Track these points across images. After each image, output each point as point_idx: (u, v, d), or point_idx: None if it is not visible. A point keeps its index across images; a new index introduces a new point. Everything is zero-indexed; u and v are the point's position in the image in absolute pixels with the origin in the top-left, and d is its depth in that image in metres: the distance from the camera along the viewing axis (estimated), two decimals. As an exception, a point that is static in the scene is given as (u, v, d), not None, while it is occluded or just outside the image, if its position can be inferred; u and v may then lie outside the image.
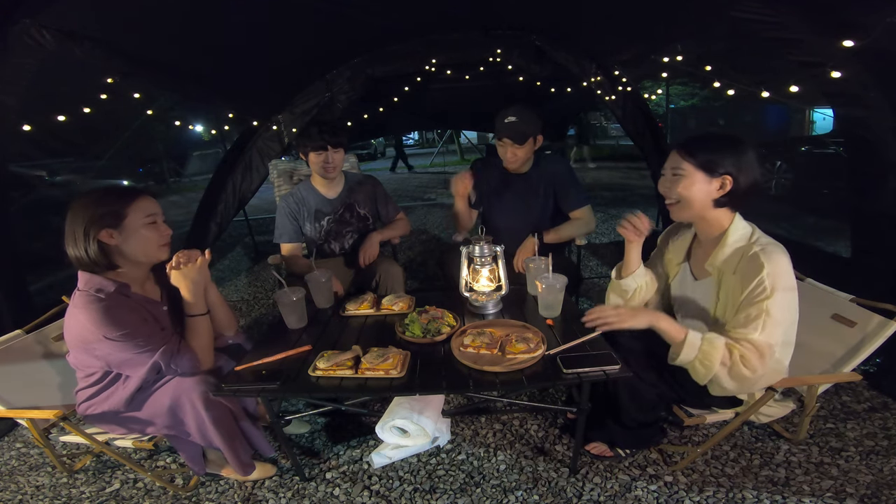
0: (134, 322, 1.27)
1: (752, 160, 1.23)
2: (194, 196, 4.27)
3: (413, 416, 1.56)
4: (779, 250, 1.20)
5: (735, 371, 1.18)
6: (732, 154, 1.21)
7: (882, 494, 1.38)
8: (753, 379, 1.19)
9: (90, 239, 1.23)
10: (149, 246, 1.32)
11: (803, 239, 3.82)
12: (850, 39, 1.71)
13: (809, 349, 1.47)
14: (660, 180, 1.35)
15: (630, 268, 1.48)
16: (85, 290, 1.26)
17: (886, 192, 1.95)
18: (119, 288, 1.29)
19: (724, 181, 1.22)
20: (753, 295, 1.17)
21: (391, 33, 3.08)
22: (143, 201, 1.31)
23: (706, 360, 1.20)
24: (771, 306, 1.15)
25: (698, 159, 1.23)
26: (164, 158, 9.38)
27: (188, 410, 1.35)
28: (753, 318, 1.17)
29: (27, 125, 2.19)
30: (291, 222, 2.10)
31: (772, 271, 1.15)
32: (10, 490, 1.67)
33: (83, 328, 1.24)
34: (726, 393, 1.27)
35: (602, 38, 3.17)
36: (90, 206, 1.24)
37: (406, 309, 1.70)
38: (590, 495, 1.46)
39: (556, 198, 2.12)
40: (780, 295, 1.15)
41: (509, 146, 1.97)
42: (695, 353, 1.21)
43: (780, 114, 7.42)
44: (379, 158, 16.21)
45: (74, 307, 1.25)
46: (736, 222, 1.28)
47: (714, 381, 1.23)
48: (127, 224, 1.27)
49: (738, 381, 1.20)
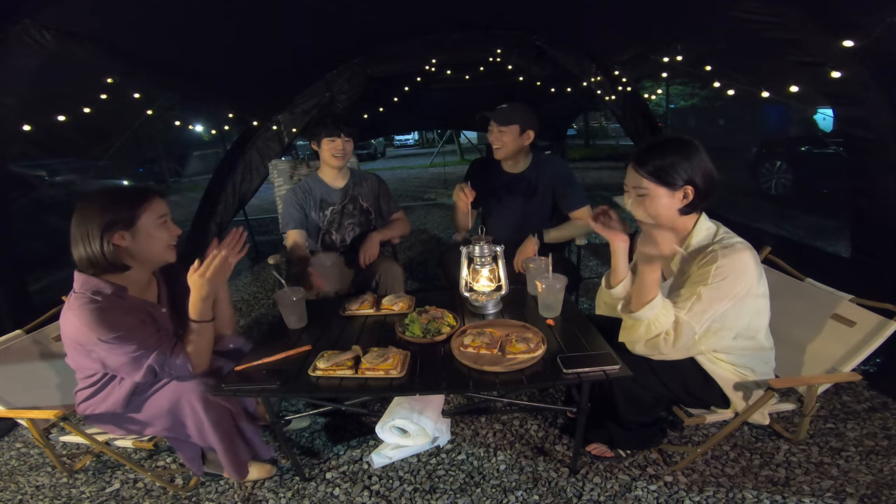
0: (129, 324, 1.25)
1: (705, 161, 1.23)
2: (194, 196, 4.26)
3: (413, 416, 1.56)
4: (739, 248, 1.21)
5: (653, 341, 1.25)
6: (686, 160, 1.22)
7: (882, 494, 1.38)
8: (664, 353, 1.26)
9: (106, 241, 1.22)
10: (159, 246, 1.32)
11: (803, 239, 3.83)
12: (850, 39, 1.71)
13: (809, 349, 1.47)
14: (624, 196, 1.35)
15: (619, 276, 1.46)
16: (81, 292, 1.24)
17: (886, 193, 1.95)
18: (116, 291, 1.27)
19: (685, 191, 1.23)
20: (694, 279, 1.23)
21: (391, 33, 3.08)
22: (155, 203, 1.31)
23: (655, 323, 1.23)
24: (704, 292, 1.19)
25: (656, 174, 1.23)
26: (164, 158, 9.37)
27: (188, 412, 1.35)
28: (685, 298, 1.22)
29: (27, 125, 2.19)
30: (298, 211, 2.15)
31: (724, 264, 1.18)
32: (10, 490, 1.67)
33: (77, 330, 1.22)
34: (634, 350, 1.32)
35: (602, 38, 3.17)
36: (106, 209, 1.23)
37: (406, 309, 1.70)
38: (590, 495, 1.46)
39: (555, 198, 2.12)
40: (721, 284, 1.18)
41: (495, 128, 2.01)
42: (653, 313, 1.23)
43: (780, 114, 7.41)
44: (379, 158, 16.21)
45: (69, 309, 1.24)
46: (700, 224, 1.30)
47: (632, 340, 1.29)
48: (140, 226, 1.27)
49: (650, 350, 1.28)
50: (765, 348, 1.35)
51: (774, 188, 5.57)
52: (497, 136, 2.02)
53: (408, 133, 20.82)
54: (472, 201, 2.15)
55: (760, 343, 1.33)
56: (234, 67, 2.81)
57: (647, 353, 1.30)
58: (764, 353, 1.35)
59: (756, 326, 1.29)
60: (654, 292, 1.22)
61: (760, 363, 1.35)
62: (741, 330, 1.27)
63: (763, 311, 1.29)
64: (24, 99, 2.11)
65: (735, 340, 1.29)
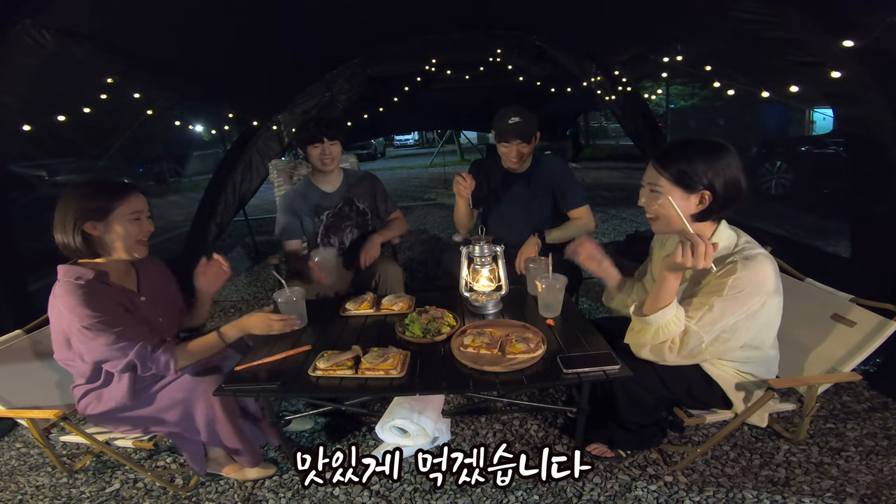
0: (111, 310, 1.29)
1: (732, 167, 1.16)
2: (194, 196, 4.27)
3: (413, 416, 1.56)
4: (759, 259, 1.16)
5: (659, 347, 1.23)
6: (711, 165, 1.15)
7: (882, 494, 1.38)
8: (668, 360, 1.24)
9: (76, 229, 1.28)
10: (127, 240, 1.34)
11: (803, 239, 3.82)
12: (850, 39, 1.71)
13: (809, 349, 1.47)
14: (640, 192, 1.31)
15: (612, 295, 1.54)
16: (64, 279, 1.29)
17: (886, 192, 1.95)
18: (98, 276, 1.32)
19: (702, 196, 1.18)
20: (709, 289, 1.19)
21: (391, 33, 3.08)
22: (131, 198, 1.34)
23: (664, 329, 1.21)
24: (717, 303, 1.16)
25: (675, 174, 1.17)
26: (164, 158, 9.37)
27: (200, 407, 1.36)
28: (696, 308, 1.20)
29: (27, 125, 2.19)
30: (292, 218, 2.13)
31: (742, 277, 1.13)
32: (10, 490, 1.67)
33: (61, 317, 1.27)
34: (639, 353, 1.30)
35: (602, 38, 3.17)
36: (82, 199, 1.29)
37: (406, 309, 1.70)
38: (590, 495, 1.46)
39: (555, 198, 2.12)
40: (737, 297, 1.14)
41: (517, 146, 1.98)
42: (665, 319, 1.20)
43: (780, 114, 7.41)
44: (379, 158, 16.19)
45: (54, 297, 1.29)
46: (719, 232, 1.25)
47: (639, 343, 1.27)
48: (112, 219, 1.31)
49: (655, 355, 1.26)
50: (769, 355, 1.34)
51: (774, 188, 5.58)
52: (519, 152, 1.99)
53: (408, 133, 20.81)
54: (473, 202, 2.15)
55: (766, 352, 1.31)
56: (234, 67, 2.81)
57: (651, 359, 1.28)
58: (768, 358, 1.34)
59: (764, 336, 1.28)
60: (670, 298, 1.20)
61: (763, 367, 1.35)
62: (749, 339, 1.24)
63: (773, 323, 1.26)
64: (24, 99, 2.11)
65: (742, 350, 1.27)
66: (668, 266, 1.17)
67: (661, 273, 1.19)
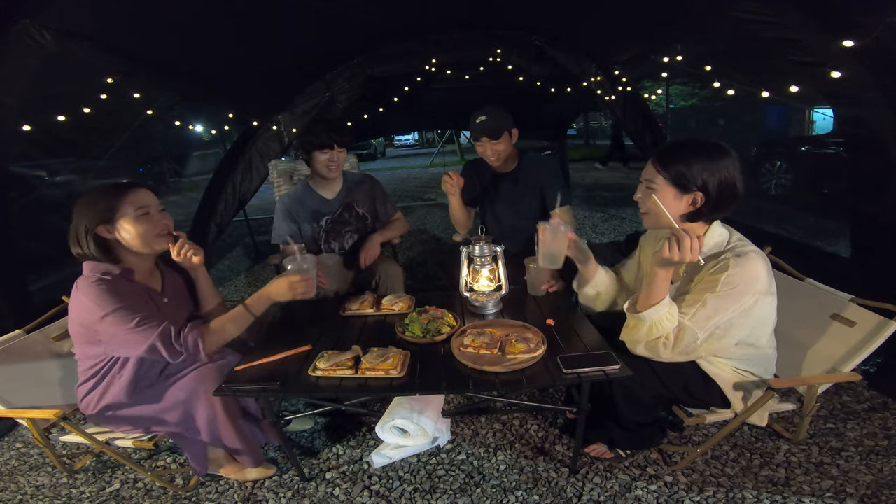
0: (134, 298, 1.30)
1: (729, 171, 1.17)
2: (194, 196, 4.26)
3: (413, 416, 1.56)
4: (751, 256, 1.18)
5: (653, 343, 1.25)
6: (707, 168, 1.16)
7: (882, 494, 1.38)
8: (663, 356, 1.26)
9: (88, 236, 1.29)
10: (144, 237, 1.34)
11: (803, 239, 3.83)
12: (850, 39, 1.71)
13: (809, 349, 1.47)
14: (638, 187, 1.32)
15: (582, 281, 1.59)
16: (90, 274, 1.30)
17: (886, 192, 1.95)
18: (123, 272, 1.33)
19: (695, 197, 1.19)
20: (703, 285, 1.21)
21: (391, 33, 3.08)
22: (133, 195, 1.33)
23: (658, 325, 1.22)
24: (710, 300, 1.18)
25: (673, 175, 1.19)
26: (164, 158, 9.38)
27: (201, 407, 1.36)
28: (690, 304, 1.21)
29: (27, 125, 2.19)
30: (289, 224, 2.09)
31: (734, 274, 1.16)
32: (10, 490, 1.67)
33: (84, 309, 1.27)
34: (634, 350, 1.32)
35: (602, 38, 3.17)
36: (87, 206, 1.30)
37: (406, 309, 1.70)
38: (590, 495, 1.46)
39: (543, 196, 2.11)
40: (730, 293, 1.16)
41: (487, 143, 1.98)
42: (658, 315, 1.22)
43: (780, 114, 7.42)
44: (379, 158, 16.19)
45: (77, 290, 1.29)
46: (711, 230, 1.26)
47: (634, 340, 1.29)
48: (118, 218, 1.31)
49: (650, 352, 1.28)
50: (766, 353, 1.34)
51: (774, 188, 5.58)
52: (493, 150, 1.99)
53: (408, 133, 20.79)
54: (467, 201, 2.15)
55: (763, 349, 1.32)
56: (234, 67, 2.81)
57: (647, 355, 1.29)
58: (765, 357, 1.35)
59: (759, 334, 1.28)
60: (663, 294, 1.21)
61: (760, 366, 1.35)
62: (744, 337, 1.26)
63: (768, 320, 1.27)
64: (24, 99, 2.10)
65: (737, 347, 1.28)
66: (657, 262, 1.20)
67: (652, 269, 1.22)
